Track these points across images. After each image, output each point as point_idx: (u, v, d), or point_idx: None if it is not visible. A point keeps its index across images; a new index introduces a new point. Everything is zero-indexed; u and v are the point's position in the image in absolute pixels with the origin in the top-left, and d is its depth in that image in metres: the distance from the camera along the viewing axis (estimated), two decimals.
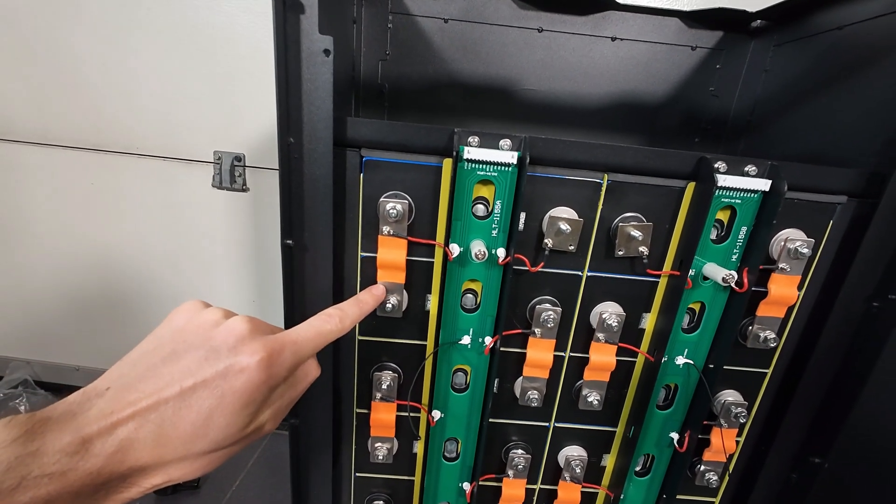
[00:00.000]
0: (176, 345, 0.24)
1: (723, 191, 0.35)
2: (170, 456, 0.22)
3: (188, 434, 0.22)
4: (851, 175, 0.36)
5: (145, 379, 0.22)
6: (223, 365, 0.23)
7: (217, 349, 0.23)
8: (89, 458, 0.19)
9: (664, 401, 0.43)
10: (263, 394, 0.24)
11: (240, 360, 0.23)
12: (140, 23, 0.82)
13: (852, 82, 0.42)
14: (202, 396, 0.22)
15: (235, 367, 0.23)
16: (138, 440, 0.21)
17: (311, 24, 0.30)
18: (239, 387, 0.23)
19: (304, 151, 0.33)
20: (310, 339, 0.27)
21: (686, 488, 0.46)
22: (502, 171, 0.34)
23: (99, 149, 0.91)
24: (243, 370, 0.23)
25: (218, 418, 0.22)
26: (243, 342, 0.24)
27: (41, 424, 0.19)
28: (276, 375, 0.24)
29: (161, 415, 0.21)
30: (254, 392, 0.23)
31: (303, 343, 0.26)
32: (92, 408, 0.21)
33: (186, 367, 0.23)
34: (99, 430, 0.20)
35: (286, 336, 0.26)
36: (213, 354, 0.23)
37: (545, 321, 0.38)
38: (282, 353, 0.25)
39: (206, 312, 0.26)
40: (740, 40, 0.56)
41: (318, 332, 0.28)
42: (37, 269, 1.00)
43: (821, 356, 0.39)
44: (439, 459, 0.44)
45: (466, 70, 0.57)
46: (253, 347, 0.24)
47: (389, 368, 0.41)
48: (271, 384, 0.24)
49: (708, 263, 0.37)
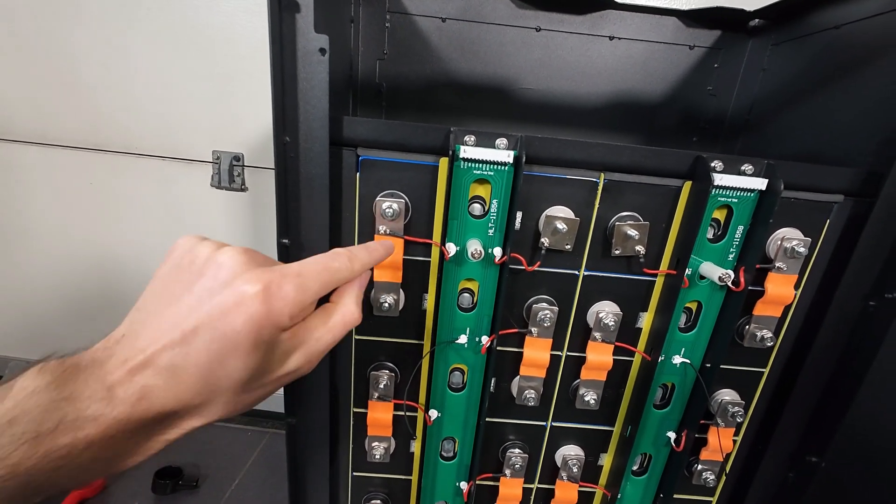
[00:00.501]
0: (174, 284, 0.23)
1: (719, 190, 0.34)
2: (195, 399, 0.21)
3: (204, 377, 0.21)
4: (848, 174, 0.36)
5: (149, 324, 0.22)
6: (217, 302, 0.21)
7: (210, 286, 0.22)
8: (116, 405, 0.19)
9: (661, 400, 0.43)
10: (270, 331, 0.22)
11: (233, 294, 0.21)
12: (139, 23, 0.82)
13: (849, 81, 0.42)
14: (205, 338, 0.21)
15: (229, 302, 0.21)
16: (156, 386, 0.20)
17: (306, 23, 0.30)
18: (239, 325, 0.21)
19: (301, 151, 0.33)
20: (315, 273, 0.24)
21: (683, 487, 0.46)
22: (498, 170, 0.34)
23: (98, 148, 0.91)
24: (239, 305, 0.21)
25: (230, 360, 0.21)
26: (236, 275, 0.22)
27: (72, 371, 0.19)
28: (278, 311, 0.22)
29: (170, 360, 0.21)
30: (258, 329, 0.21)
31: (308, 275, 0.24)
32: (112, 356, 0.21)
33: (184, 307, 0.22)
34: (119, 378, 0.20)
35: (287, 268, 0.24)
36: (207, 292, 0.22)
37: (542, 320, 0.38)
38: (282, 286, 0.22)
39: (199, 246, 0.24)
40: (738, 39, 0.56)
41: (324, 267, 0.25)
42: (36, 269, 1.00)
43: (817, 355, 0.39)
44: (436, 459, 0.44)
45: (464, 69, 0.57)
46: (246, 279, 0.22)
47: (386, 368, 0.41)
48: (275, 320, 0.22)
49: (704, 262, 0.37)
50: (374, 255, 0.29)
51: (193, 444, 0.98)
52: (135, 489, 0.85)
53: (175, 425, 0.22)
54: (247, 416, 1.08)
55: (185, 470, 0.88)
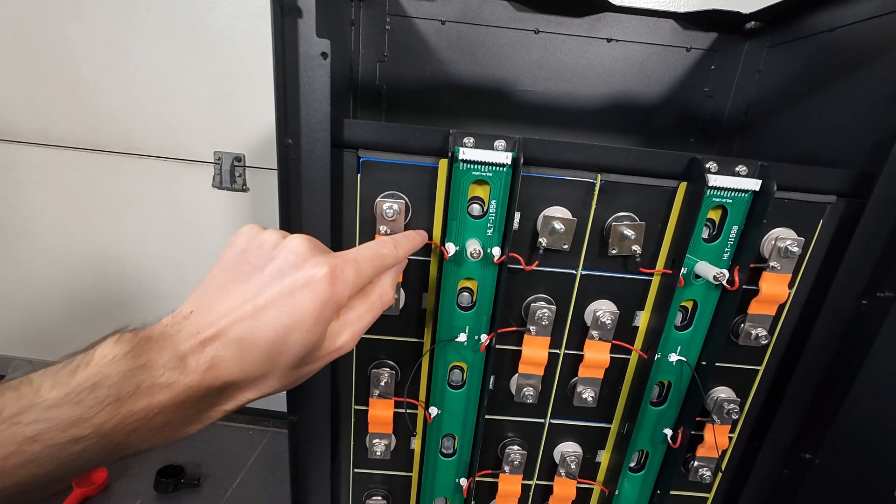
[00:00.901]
0: (241, 266, 0.25)
1: (714, 190, 0.35)
2: (256, 371, 0.23)
3: (268, 350, 0.23)
4: (840, 175, 0.36)
5: (220, 300, 0.23)
6: (289, 282, 0.24)
7: (281, 268, 0.24)
8: (188, 373, 0.21)
9: (658, 397, 0.43)
10: (331, 310, 0.24)
11: (303, 275, 0.24)
12: (140, 24, 0.83)
13: (843, 84, 0.43)
14: (274, 314, 0.23)
15: (300, 282, 0.24)
16: (225, 357, 0.22)
17: (308, 28, 0.31)
18: (307, 303, 0.23)
19: (302, 153, 0.34)
20: (369, 259, 0.27)
21: (680, 484, 0.47)
22: (497, 171, 0.35)
23: (99, 149, 0.91)
24: (308, 285, 0.24)
25: (294, 335, 0.23)
26: (305, 259, 0.24)
27: (145, 342, 0.21)
28: (340, 292, 0.25)
29: (240, 332, 0.22)
30: (322, 308, 0.24)
31: (363, 261, 0.27)
32: (182, 329, 0.22)
33: (255, 286, 0.24)
34: (191, 348, 0.22)
35: (346, 254, 0.27)
36: (278, 273, 0.24)
37: (540, 319, 0.39)
38: (344, 269, 0.25)
39: (265, 234, 0.26)
40: (734, 42, 0.56)
41: (376, 253, 0.28)
42: (38, 269, 1.00)
43: (811, 353, 0.40)
44: (436, 456, 0.45)
45: (464, 71, 0.58)
46: (315, 262, 0.24)
47: (387, 366, 0.42)
48: (337, 300, 0.25)
49: (700, 262, 0.37)
50: (413, 242, 0.33)
51: (195, 443, 0.98)
52: (137, 487, 0.86)
53: (233, 396, 0.23)
54: (248, 416, 1.09)
55: (186, 468, 0.89)
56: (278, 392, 0.25)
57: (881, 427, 0.40)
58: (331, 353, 0.26)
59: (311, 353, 0.25)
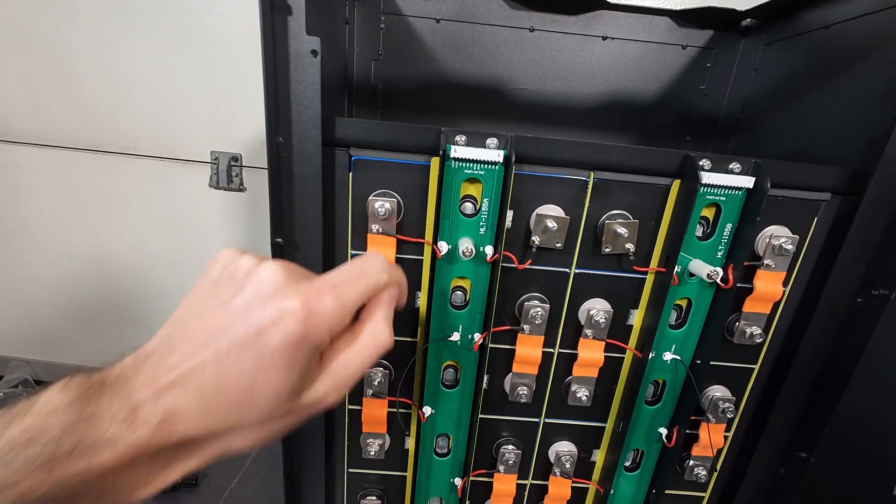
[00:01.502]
0: (210, 298, 0.21)
1: (707, 188, 0.35)
2: (220, 426, 0.20)
3: (233, 402, 0.20)
4: (835, 173, 0.36)
5: (183, 339, 0.20)
6: (255, 319, 0.20)
7: (249, 302, 0.21)
8: (137, 427, 0.18)
9: (652, 396, 0.43)
10: (306, 351, 0.21)
11: (272, 311, 0.20)
12: (137, 25, 0.83)
13: (838, 81, 0.42)
14: (240, 358, 0.20)
15: (268, 319, 0.20)
16: (183, 408, 0.19)
17: (298, 26, 0.31)
18: (276, 343, 0.20)
19: (294, 151, 0.34)
20: (351, 281, 0.23)
21: (676, 483, 0.47)
22: (489, 169, 0.35)
23: (96, 149, 0.91)
24: (277, 322, 0.20)
25: (262, 383, 0.20)
26: (277, 291, 0.21)
27: (97, 388, 0.18)
28: (317, 328, 0.21)
29: (201, 380, 0.19)
30: (295, 348, 0.20)
31: (344, 285, 0.22)
32: (140, 372, 0.19)
33: (219, 324, 0.20)
34: (145, 397, 0.19)
35: (322, 280, 0.22)
36: (245, 308, 0.21)
37: (533, 318, 0.39)
38: (321, 299, 0.21)
39: (241, 259, 0.23)
40: (730, 39, 0.56)
41: (359, 272, 0.24)
42: (36, 269, 1.00)
43: (806, 352, 0.40)
44: (430, 455, 0.45)
45: (459, 69, 0.58)
46: (286, 294, 0.21)
47: (380, 365, 0.42)
48: (314, 339, 0.21)
49: (693, 260, 0.37)
50: (402, 284, 0.28)
51: None
52: None
53: (195, 452, 0.20)
54: None
55: None
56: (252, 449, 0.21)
57: (877, 426, 0.40)
58: (309, 406, 0.22)
59: (284, 404, 0.21)
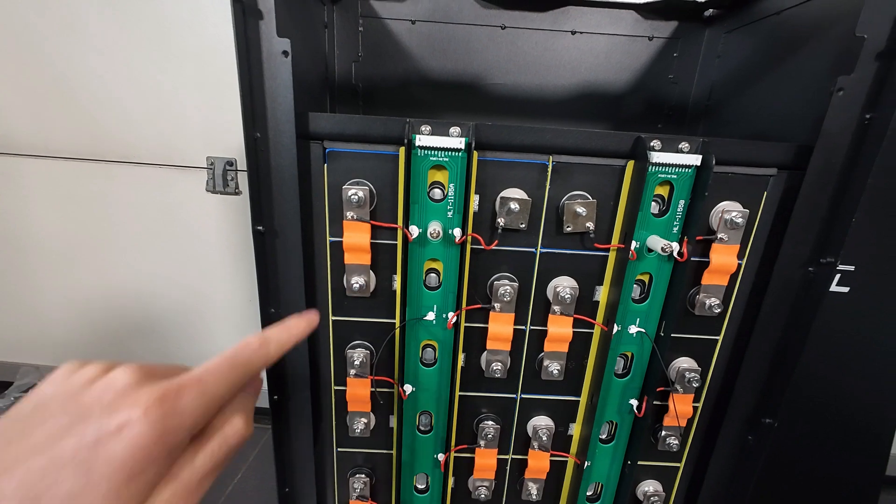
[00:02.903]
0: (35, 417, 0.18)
1: (659, 167, 0.37)
2: None
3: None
4: (780, 149, 0.38)
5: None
6: (93, 430, 0.17)
7: (86, 412, 0.18)
8: None
9: (623, 369, 0.45)
10: (161, 455, 0.18)
11: (117, 416, 0.18)
12: (133, 38, 0.86)
13: (790, 63, 0.45)
14: (59, 477, 0.17)
15: (110, 428, 0.17)
16: None
17: (269, 29, 0.33)
18: (119, 453, 0.17)
19: (270, 145, 0.36)
20: (220, 374, 0.21)
21: (651, 454, 0.49)
22: (453, 156, 0.37)
23: (96, 158, 0.95)
24: (122, 428, 0.17)
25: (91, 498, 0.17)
26: (124, 395, 0.18)
27: None
28: (175, 427, 0.19)
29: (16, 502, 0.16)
30: (144, 455, 0.18)
31: (210, 380, 0.21)
32: None
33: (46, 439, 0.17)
34: None
35: (186, 375, 0.20)
36: (80, 420, 0.18)
37: (503, 296, 0.41)
38: (180, 397, 0.19)
39: (81, 371, 0.20)
40: (695, 29, 0.58)
41: (230, 364, 0.22)
42: (42, 277, 1.04)
43: (764, 321, 0.42)
44: (413, 432, 0.47)
45: (435, 67, 0.60)
46: (136, 398, 0.18)
47: (362, 346, 0.44)
48: (166, 443, 0.18)
49: (651, 236, 0.39)
50: (293, 331, 0.27)
51: None
52: None
53: None
54: None
55: None
56: None
57: (832, 388, 0.42)
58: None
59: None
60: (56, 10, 0.86)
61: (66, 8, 0.85)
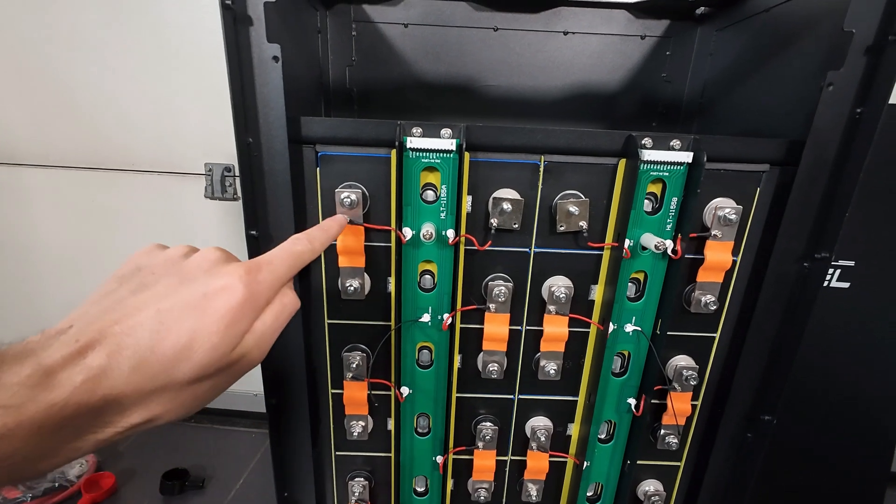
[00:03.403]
0: (144, 278, 0.23)
1: (651, 165, 0.37)
2: (149, 385, 0.20)
3: (169, 357, 0.20)
4: (772, 144, 0.38)
5: (113, 310, 0.21)
6: (201, 285, 0.22)
7: (192, 274, 0.23)
8: (53, 389, 0.18)
9: (620, 368, 0.45)
10: (246, 315, 0.23)
11: (218, 279, 0.23)
12: (131, 47, 0.87)
13: (780, 61, 0.45)
14: (182, 316, 0.21)
15: (215, 285, 0.23)
16: (112, 367, 0.19)
17: (259, 35, 0.34)
18: (221, 305, 0.22)
19: (263, 150, 0.37)
20: (283, 259, 0.27)
21: (650, 453, 0.48)
22: (445, 157, 0.37)
23: (97, 167, 0.96)
24: (224, 288, 0.23)
25: (202, 338, 0.21)
26: (218, 265, 0.24)
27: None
28: (257, 294, 0.24)
29: (136, 339, 0.20)
30: (237, 311, 0.23)
31: (277, 262, 0.27)
32: (53, 343, 0.19)
33: (160, 292, 0.22)
34: (63, 360, 0.19)
35: (260, 258, 0.26)
36: (189, 279, 0.23)
37: (497, 296, 0.41)
38: (259, 271, 0.25)
39: (170, 249, 0.26)
40: (687, 27, 0.59)
41: (289, 253, 0.28)
42: (47, 285, 1.05)
43: (761, 317, 0.41)
44: (412, 435, 0.47)
45: (429, 70, 0.61)
46: (229, 268, 0.24)
47: (358, 349, 0.44)
48: (254, 303, 0.24)
49: (644, 234, 0.39)
50: (329, 232, 0.33)
51: (199, 447, 1.01)
52: (143, 491, 0.89)
53: (111, 421, 0.20)
54: (251, 419, 1.11)
55: (191, 471, 0.92)
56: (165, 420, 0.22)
57: (834, 384, 0.41)
58: (235, 362, 0.23)
59: (217, 362, 0.22)
60: (56, 20, 0.87)
61: (67, 18, 0.86)
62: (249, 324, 0.24)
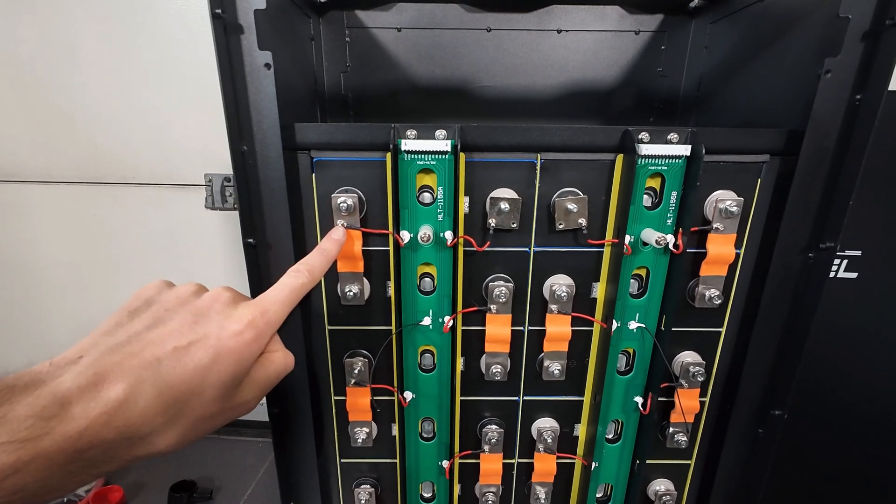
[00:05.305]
0: (157, 313, 0.25)
1: (648, 159, 0.37)
2: (159, 418, 0.21)
3: (183, 393, 0.22)
4: (771, 135, 0.38)
5: (129, 343, 0.22)
6: (215, 325, 0.24)
7: (206, 313, 0.25)
8: (69, 421, 0.18)
9: (626, 366, 0.44)
10: (253, 355, 0.26)
11: (232, 323, 0.25)
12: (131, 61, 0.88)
13: (776, 49, 0.44)
14: (197, 354, 0.23)
15: (230, 329, 0.25)
16: (128, 401, 0.20)
17: (250, 43, 0.34)
18: (232, 346, 0.24)
19: (258, 157, 0.36)
20: (284, 299, 0.29)
21: (660, 452, 0.48)
22: (440, 159, 0.37)
23: (98, 181, 0.96)
24: (237, 333, 0.25)
25: (213, 375, 0.23)
26: (230, 306, 0.26)
27: (6, 392, 0.18)
28: (263, 335, 0.26)
29: (154, 373, 0.21)
30: (245, 353, 0.25)
31: (279, 303, 0.29)
32: (65, 373, 0.20)
33: (176, 329, 0.23)
34: (79, 391, 0.19)
35: (264, 299, 0.28)
36: (203, 318, 0.25)
37: (498, 297, 0.41)
38: (265, 315, 0.27)
39: (179, 286, 0.28)
40: (681, 21, 0.58)
41: (290, 290, 0.30)
42: (49, 301, 1.05)
43: (767, 310, 0.41)
44: (417, 440, 0.46)
45: (423, 73, 0.60)
46: (241, 311, 0.26)
47: (360, 354, 0.44)
48: (259, 346, 0.26)
49: (645, 229, 0.39)
50: (328, 254, 0.35)
51: (206, 458, 1.01)
52: None
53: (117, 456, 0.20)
54: (257, 429, 1.11)
55: (199, 483, 0.91)
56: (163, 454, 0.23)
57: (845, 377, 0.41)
58: (237, 407, 0.26)
59: (222, 401, 0.24)
60: (54, 37, 0.87)
61: (64, 34, 0.87)
62: (251, 364, 0.26)
